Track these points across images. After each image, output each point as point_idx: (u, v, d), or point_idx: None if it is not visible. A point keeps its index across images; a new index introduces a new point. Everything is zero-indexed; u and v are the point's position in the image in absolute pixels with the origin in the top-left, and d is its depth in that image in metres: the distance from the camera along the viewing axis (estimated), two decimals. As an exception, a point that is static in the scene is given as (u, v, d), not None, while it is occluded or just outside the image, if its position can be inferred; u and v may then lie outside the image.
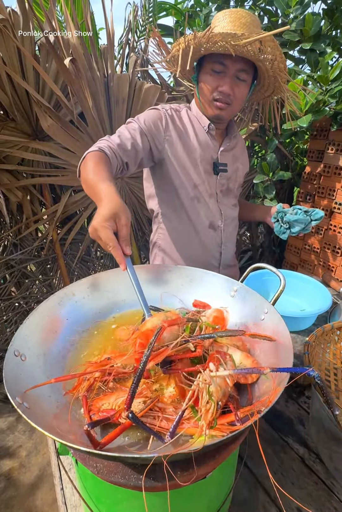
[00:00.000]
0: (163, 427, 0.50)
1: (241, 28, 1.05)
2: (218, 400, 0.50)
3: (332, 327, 0.90)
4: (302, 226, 1.18)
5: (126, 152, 1.08)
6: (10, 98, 1.73)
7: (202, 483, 0.54)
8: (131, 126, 1.15)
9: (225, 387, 0.53)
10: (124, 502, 0.55)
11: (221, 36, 0.97)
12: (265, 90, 1.26)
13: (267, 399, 0.49)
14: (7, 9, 1.79)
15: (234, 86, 1.12)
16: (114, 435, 0.47)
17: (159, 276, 0.86)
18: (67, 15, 1.85)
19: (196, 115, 1.27)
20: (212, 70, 1.11)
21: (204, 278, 0.86)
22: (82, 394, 0.57)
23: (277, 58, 1.06)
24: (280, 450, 0.84)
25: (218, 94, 1.13)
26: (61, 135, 1.81)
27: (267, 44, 1.01)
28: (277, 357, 0.61)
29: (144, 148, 1.14)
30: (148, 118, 1.18)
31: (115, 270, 0.85)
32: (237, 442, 0.52)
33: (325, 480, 0.77)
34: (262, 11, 2.12)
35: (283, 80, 1.15)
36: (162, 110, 1.22)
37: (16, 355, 0.59)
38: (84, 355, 0.69)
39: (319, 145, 2.19)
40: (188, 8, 2.94)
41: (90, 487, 0.60)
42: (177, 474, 0.48)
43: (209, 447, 0.43)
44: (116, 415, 0.51)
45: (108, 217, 0.73)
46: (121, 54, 2.17)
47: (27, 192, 1.97)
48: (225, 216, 1.36)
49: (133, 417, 0.48)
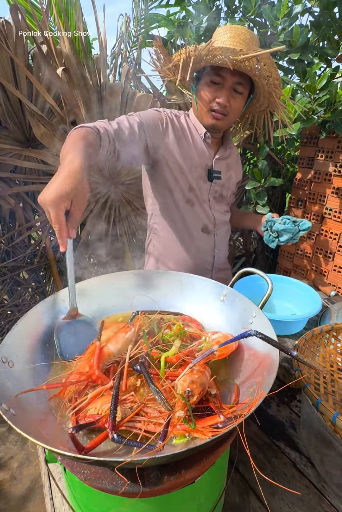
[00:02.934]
0: (150, 430, 0.50)
1: (240, 44, 1.10)
2: (185, 388, 0.51)
3: (321, 330, 0.91)
4: (290, 235, 1.21)
5: (121, 140, 1.05)
6: (3, 106, 1.74)
7: (191, 487, 0.54)
8: (131, 118, 1.14)
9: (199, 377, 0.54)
10: (112, 509, 0.55)
11: (220, 50, 1.02)
12: (260, 105, 1.32)
13: (250, 401, 0.49)
14: (0, 20, 1.81)
15: (230, 98, 1.16)
16: (99, 440, 0.47)
17: (150, 281, 0.86)
18: (60, 26, 1.88)
19: (193, 123, 1.30)
20: (211, 82, 1.15)
21: (193, 283, 0.86)
22: (73, 396, 0.57)
23: (273, 75, 1.12)
24: (272, 455, 0.84)
25: (215, 105, 1.18)
26: (54, 143, 1.82)
27: (264, 61, 1.07)
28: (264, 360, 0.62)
29: (141, 140, 1.13)
30: (149, 116, 1.19)
31: (104, 276, 0.86)
32: (224, 445, 0.52)
33: (316, 483, 0.77)
34: (251, 22, 2.17)
35: (277, 96, 1.21)
36: (164, 112, 1.25)
37: (4, 361, 0.58)
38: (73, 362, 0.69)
39: (309, 152, 2.23)
40: (179, 19, 3.01)
41: (79, 495, 0.59)
42: (164, 479, 0.48)
43: (189, 451, 0.43)
44: (102, 420, 0.51)
45: (64, 196, 0.66)
46: (114, 64, 2.20)
47: (20, 199, 1.97)
48: (218, 221, 1.38)
49: (118, 439, 0.47)
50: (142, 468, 0.50)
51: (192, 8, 2.54)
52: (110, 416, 0.50)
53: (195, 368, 0.56)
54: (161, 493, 0.50)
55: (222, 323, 0.78)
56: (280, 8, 1.87)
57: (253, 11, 2.02)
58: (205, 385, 0.55)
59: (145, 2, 2.18)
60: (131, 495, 0.50)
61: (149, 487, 0.48)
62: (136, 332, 0.69)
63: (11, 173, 1.90)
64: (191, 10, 2.59)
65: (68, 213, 0.68)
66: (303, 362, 0.56)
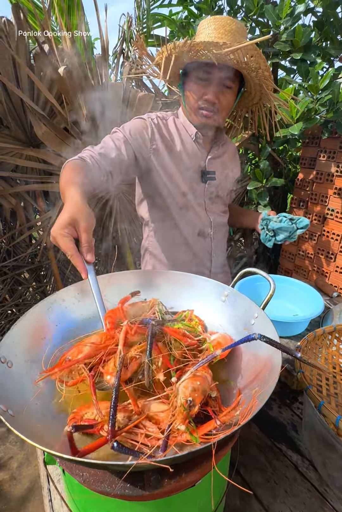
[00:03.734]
0: (145, 443, 0.49)
1: (225, 35, 1.05)
2: (187, 397, 0.50)
3: (323, 331, 0.90)
4: (287, 234, 1.17)
5: (110, 161, 1.06)
6: (5, 105, 1.74)
7: (192, 491, 0.53)
8: (116, 136, 1.14)
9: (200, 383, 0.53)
10: (111, 512, 0.54)
11: (203, 45, 0.97)
12: (252, 97, 1.27)
13: (249, 407, 0.48)
14: (2, 19, 1.81)
15: (219, 94, 1.11)
16: (94, 447, 0.46)
17: (150, 281, 0.85)
18: (62, 25, 1.87)
19: (183, 123, 1.26)
20: (197, 78, 1.11)
21: (194, 283, 0.86)
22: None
23: (261, 67, 1.06)
24: (273, 457, 0.83)
25: (203, 103, 1.13)
26: (55, 142, 1.82)
27: (250, 53, 1.01)
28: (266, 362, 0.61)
29: (129, 157, 1.13)
30: (134, 128, 1.16)
31: (104, 276, 0.85)
32: (225, 448, 0.52)
33: (318, 487, 0.76)
34: (254, 22, 2.17)
35: (268, 88, 1.15)
36: (148, 119, 1.21)
37: (2, 361, 0.58)
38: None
39: (311, 153, 2.22)
40: (181, 19, 3.00)
41: (77, 498, 0.58)
42: (164, 482, 0.47)
43: (189, 455, 0.42)
44: (98, 426, 0.50)
45: (66, 224, 0.68)
46: (116, 63, 2.19)
47: (21, 198, 1.97)
48: (214, 224, 1.35)
49: (117, 448, 0.46)
50: (142, 472, 0.49)
51: (194, 7, 2.53)
52: (110, 423, 0.49)
53: (197, 372, 0.55)
54: (162, 496, 0.49)
55: (223, 324, 0.78)
56: (283, 7, 1.86)
57: (255, 11, 2.01)
58: (206, 392, 0.54)
59: (147, 2, 2.17)
60: (131, 498, 0.49)
61: (149, 490, 0.47)
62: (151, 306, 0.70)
63: (12, 172, 1.90)
64: (193, 10, 2.59)
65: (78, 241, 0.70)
66: (308, 364, 0.55)
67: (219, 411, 0.53)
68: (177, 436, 0.48)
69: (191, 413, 0.50)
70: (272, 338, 0.57)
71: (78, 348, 0.61)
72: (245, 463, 0.81)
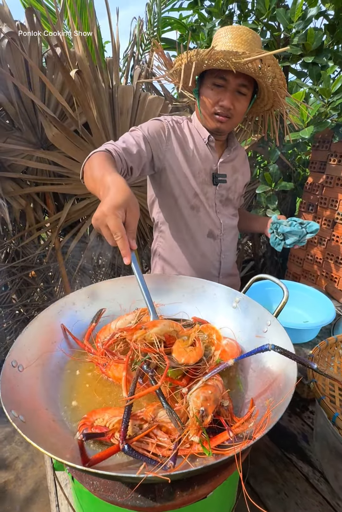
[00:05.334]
0: (156, 453, 0.48)
1: (242, 45, 1.08)
2: (199, 407, 0.49)
3: (336, 340, 0.89)
4: (297, 238, 1.17)
5: (131, 156, 1.08)
6: (16, 108, 1.76)
7: (202, 503, 0.52)
8: (135, 133, 1.16)
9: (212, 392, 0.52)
10: (121, 522, 0.53)
11: (222, 54, 0.99)
12: (265, 104, 1.29)
13: (264, 419, 0.47)
14: (16, 23, 1.83)
15: (234, 100, 1.14)
16: (104, 455, 0.45)
17: (161, 286, 0.85)
18: (74, 28, 1.88)
19: (196, 127, 1.29)
20: (213, 85, 1.13)
21: (205, 289, 0.85)
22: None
23: (277, 76, 1.08)
24: (284, 468, 0.81)
25: (219, 108, 1.15)
26: (66, 144, 1.83)
27: (268, 62, 1.04)
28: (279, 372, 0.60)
29: (148, 155, 1.15)
30: (152, 127, 1.19)
31: (114, 280, 0.85)
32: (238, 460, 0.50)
33: (330, 500, 0.74)
34: (265, 26, 2.15)
35: (282, 96, 1.17)
36: (165, 121, 1.24)
37: (14, 366, 0.57)
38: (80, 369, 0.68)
39: (321, 156, 2.20)
40: (192, 23, 3.00)
41: (86, 505, 0.57)
42: (176, 494, 0.46)
43: (204, 469, 0.41)
44: (109, 434, 0.49)
45: (120, 205, 0.68)
46: (126, 67, 2.20)
47: (30, 200, 1.98)
48: (224, 226, 1.36)
49: (129, 450, 0.46)
50: (154, 483, 0.48)
51: (204, 11, 2.53)
52: (122, 426, 0.48)
53: (208, 382, 0.54)
54: (173, 508, 0.48)
55: (235, 331, 0.76)
56: (295, 11, 1.85)
57: (266, 14, 1.99)
58: (218, 400, 0.53)
59: (158, 6, 2.18)
60: (142, 509, 0.48)
61: (161, 502, 0.47)
62: (138, 315, 0.71)
63: (22, 174, 1.92)
64: (203, 14, 2.59)
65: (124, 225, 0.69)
66: (325, 375, 0.53)
67: (231, 421, 0.52)
68: (189, 447, 0.47)
69: (204, 423, 0.49)
70: (286, 348, 0.56)
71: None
72: (254, 474, 0.80)
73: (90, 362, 0.68)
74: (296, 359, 0.54)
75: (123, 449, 0.46)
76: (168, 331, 0.65)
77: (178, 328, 0.69)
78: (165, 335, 0.64)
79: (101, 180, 0.80)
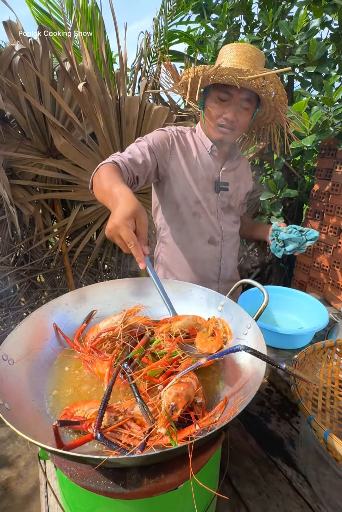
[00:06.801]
0: (128, 443, 0.51)
1: (246, 62, 1.14)
2: (170, 402, 0.52)
3: (323, 345, 0.89)
4: (296, 245, 1.19)
5: (137, 166, 1.14)
6: (27, 119, 1.85)
7: (174, 494, 0.55)
8: (141, 144, 1.22)
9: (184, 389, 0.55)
10: (97, 509, 0.57)
11: (228, 70, 1.06)
12: (266, 118, 1.34)
13: (228, 414, 0.50)
14: (29, 40, 1.94)
15: (237, 113, 1.20)
16: (79, 442, 0.49)
17: (150, 289, 0.88)
18: (83, 45, 1.98)
19: (200, 137, 1.34)
20: (218, 98, 1.19)
21: (192, 292, 0.88)
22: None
23: (279, 92, 1.14)
24: (268, 471, 0.82)
25: (223, 120, 1.21)
26: (73, 153, 1.91)
27: (270, 80, 1.10)
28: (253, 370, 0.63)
29: (153, 164, 1.21)
30: (156, 138, 1.25)
31: (106, 283, 0.89)
32: (207, 453, 0.53)
33: (312, 504, 0.75)
34: (271, 36, 2.19)
35: (283, 111, 1.23)
36: (169, 131, 1.30)
37: (4, 359, 0.62)
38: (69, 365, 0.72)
39: (328, 164, 2.19)
40: (199, 35, 3.08)
41: (67, 493, 0.61)
42: (144, 482, 0.49)
43: (163, 454, 0.45)
44: (86, 424, 0.53)
45: (129, 216, 0.74)
46: (134, 78, 2.28)
47: (39, 206, 2.07)
48: (225, 232, 1.39)
49: (101, 438, 0.50)
50: (125, 470, 0.52)
51: (210, 24, 2.60)
52: (97, 416, 0.52)
53: (181, 379, 0.57)
54: (143, 496, 0.51)
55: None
56: (297, 22, 1.88)
57: (270, 26, 2.03)
58: (190, 397, 0.56)
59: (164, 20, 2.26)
60: (113, 495, 0.51)
61: (130, 488, 0.50)
62: (124, 316, 0.76)
63: (32, 181, 2.01)
64: (210, 26, 2.66)
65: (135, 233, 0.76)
66: (293, 375, 0.55)
67: (201, 416, 0.55)
68: (157, 438, 0.50)
69: (173, 417, 0.52)
70: (260, 349, 0.58)
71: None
72: (238, 475, 0.82)
73: (78, 359, 0.72)
74: (265, 359, 0.56)
75: (96, 437, 0.50)
76: (191, 324, 0.76)
77: (200, 321, 0.78)
78: (188, 328, 0.75)
79: (110, 191, 0.86)
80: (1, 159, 1.73)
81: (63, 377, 0.68)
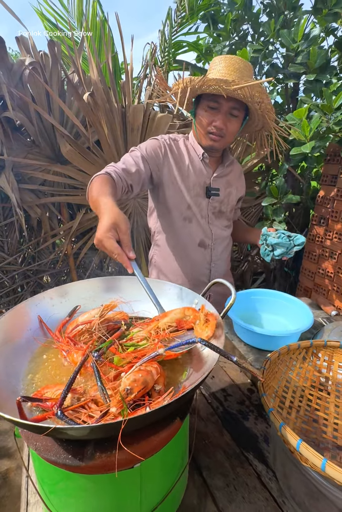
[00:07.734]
0: (87, 421, 0.56)
1: (234, 72, 1.19)
2: (126, 386, 0.56)
3: (298, 346, 0.91)
4: (284, 249, 1.22)
5: (131, 175, 1.21)
6: (36, 127, 1.97)
7: (131, 473, 0.59)
8: (134, 153, 1.29)
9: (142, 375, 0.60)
10: (60, 483, 0.62)
11: (215, 81, 1.12)
12: (256, 125, 1.39)
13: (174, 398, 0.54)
14: (40, 53, 2.07)
15: (226, 121, 1.25)
16: (41, 417, 0.55)
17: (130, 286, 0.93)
18: (90, 57, 2.08)
19: (192, 144, 1.40)
20: (208, 107, 1.25)
21: (171, 291, 0.92)
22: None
23: (264, 101, 1.19)
24: (238, 465, 0.85)
25: (212, 128, 1.27)
26: (78, 159, 2.01)
27: (255, 89, 1.15)
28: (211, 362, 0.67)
29: (146, 172, 1.28)
30: (150, 147, 1.32)
31: (90, 280, 0.95)
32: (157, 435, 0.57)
33: (277, 498, 0.76)
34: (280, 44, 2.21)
35: (270, 118, 1.28)
36: (162, 140, 1.36)
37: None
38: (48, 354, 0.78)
39: (333, 170, 2.19)
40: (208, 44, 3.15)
41: (37, 468, 0.67)
42: (96, 455, 0.54)
43: (105, 426, 0.50)
44: (52, 403, 0.58)
45: (109, 227, 0.80)
46: (139, 88, 2.37)
47: (46, 209, 2.18)
48: (215, 236, 1.43)
49: (61, 415, 0.55)
50: (83, 446, 0.57)
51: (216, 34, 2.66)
52: (61, 395, 0.58)
53: (141, 367, 0.62)
54: (99, 470, 0.56)
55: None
56: (297, 31, 1.90)
57: (271, 35, 2.07)
58: (147, 383, 0.60)
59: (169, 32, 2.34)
60: (72, 468, 0.56)
61: (86, 462, 0.55)
62: (102, 310, 0.81)
63: (40, 185, 2.12)
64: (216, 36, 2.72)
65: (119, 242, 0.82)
66: (243, 367, 0.59)
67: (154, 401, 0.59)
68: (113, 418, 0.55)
69: (127, 399, 0.56)
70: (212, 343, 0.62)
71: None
72: (209, 467, 0.84)
73: (56, 348, 0.78)
74: (218, 351, 0.60)
75: (56, 414, 0.55)
76: (178, 317, 0.81)
77: (188, 312, 0.82)
78: (176, 321, 0.80)
79: (98, 203, 0.94)
80: (10, 164, 1.85)
81: (40, 363, 0.74)
